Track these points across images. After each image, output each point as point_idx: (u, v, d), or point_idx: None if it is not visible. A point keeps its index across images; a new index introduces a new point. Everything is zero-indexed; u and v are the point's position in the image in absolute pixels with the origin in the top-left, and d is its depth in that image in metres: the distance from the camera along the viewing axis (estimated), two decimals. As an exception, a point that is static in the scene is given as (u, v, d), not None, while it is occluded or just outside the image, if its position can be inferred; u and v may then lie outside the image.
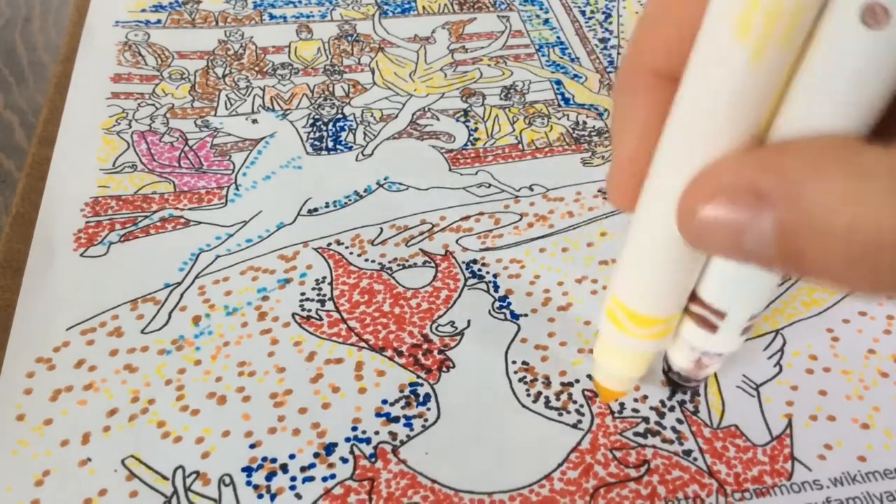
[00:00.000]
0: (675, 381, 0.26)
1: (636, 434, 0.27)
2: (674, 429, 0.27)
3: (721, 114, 0.17)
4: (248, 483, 0.26)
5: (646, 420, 0.28)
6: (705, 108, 0.17)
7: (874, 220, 0.14)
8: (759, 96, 0.17)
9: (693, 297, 0.22)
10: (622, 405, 0.28)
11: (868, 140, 0.16)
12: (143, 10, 0.47)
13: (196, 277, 0.32)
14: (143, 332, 0.30)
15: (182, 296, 0.31)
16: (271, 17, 0.47)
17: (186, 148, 0.38)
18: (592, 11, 0.48)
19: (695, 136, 0.18)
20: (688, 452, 0.27)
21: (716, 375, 0.29)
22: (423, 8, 0.48)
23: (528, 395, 0.28)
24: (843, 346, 0.30)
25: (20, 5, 0.50)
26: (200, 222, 0.34)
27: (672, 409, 0.28)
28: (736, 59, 0.16)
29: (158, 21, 0.46)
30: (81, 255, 0.32)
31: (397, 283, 0.32)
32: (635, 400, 0.28)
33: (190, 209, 0.35)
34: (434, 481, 0.26)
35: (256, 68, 0.43)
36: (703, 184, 0.17)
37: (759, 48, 0.16)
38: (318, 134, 0.39)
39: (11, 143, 0.42)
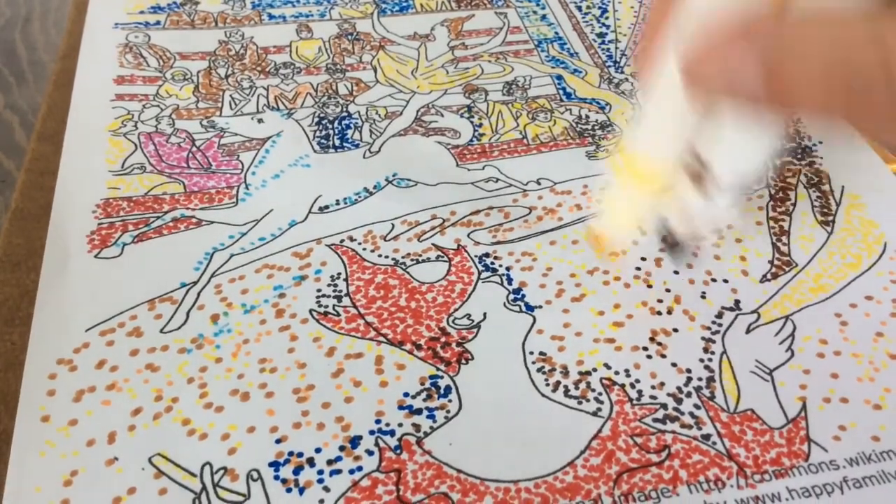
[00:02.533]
0: (669, 243, 0.28)
1: (655, 420, 0.28)
2: (692, 414, 0.28)
3: None
4: (276, 477, 0.26)
5: (664, 406, 0.28)
6: None
7: (850, 54, 0.17)
8: None
9: (688, 155, 0.25)
10: (640, 393, 0.28)
11: None
12: (142, 12, 0.47)
13: (212, 276, 0.32)
14: (162, 331, 0.30)
15: (199, 295, 0.31)
16: (270, 17, 0.47)
17: (194, 148, 0.38)
18: (588, 7, 0.49)
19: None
20: (707, 437, 0.27)
21: (730, 362, 0.29)
22: (421, 5, 0.49)
23: (547, 385, 0.29)
24: (851, 330, 0.31)
25: (20, 5, 0.50)
26: (213, 222, 0.34)
27: (689, 395, 0.28)
28: None
29: (157, 23, 0.46)
30: (96, 256, 0.32)
31: (412, 277, 0.32)
32: (652, 387, 0.29)
33: (201, 209, 0.35)
34: (460, 471, 0.26)
35: (259, 68, 0.43)
36: (703, 28, 0.20)
37: None
38: (324, 132, 0.39)
39: (11, 142, 0.42)
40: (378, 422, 0.27)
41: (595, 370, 0.29)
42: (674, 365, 0.29)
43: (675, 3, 0.22)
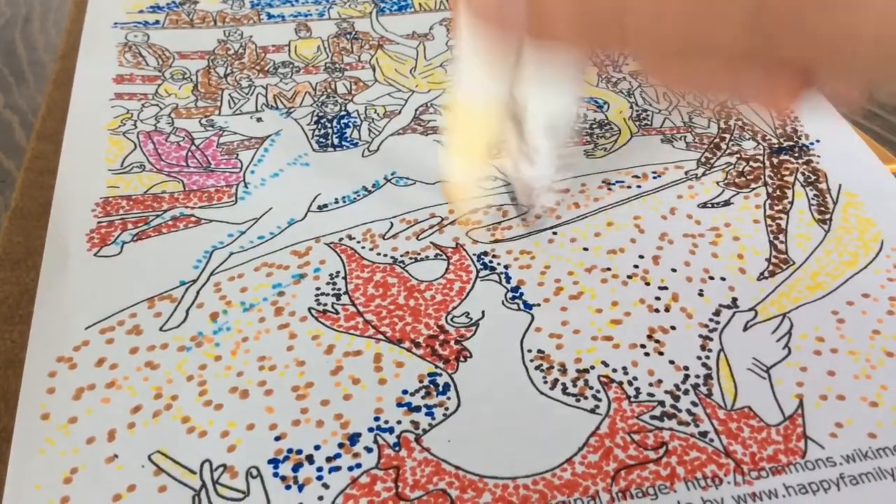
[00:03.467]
0: (510, 194, 0.30)
1: (653, 417, 0.28)
2: (689, 411, 0.28)
3: None
4: (276, 475, 0.26)
5: (661, 404, 0.28)
6: None
7: None
8: None
9: (511, 100, 0.27)
10: (637, 390, 0.28)
11: None
12: (141, 11, 0.47)
13: (211, 275, 0.32)
14: (161, 329, 0.30)
15: (198, 293, 0.31)
16: (269, 16, 0.47)
17: (193, 147, 0.38)
18: (587, 6, 0.49)
19: None
20: (704, 434, 0.27)
21: (727, 359, 0.30)
22: (420, 5, 0.49)
23: (546, 383, 0.29)
24: (848, 328, 0.31)
25: (20, 5, 0.50)
26: (212, 220, 0.34)
27: (686, 392, 0.28)
28: None
29: (157, 22, 0.46)
30: (95, 254, 0.32)
31: (411, 276, 0.32)
32: (650, 384, 0.29)
33: (200, 208, 0.35)
34: (458, 468, 0.26)
35: (258, 67, 0.43)
36: None
37: None
38: (323, 131, 0.39)
39: (11, 142, 0.42)
40: (377, 419, 0.28)
41: (593, 368, 0.29)
42: (671, 362, 0.29)
43: None
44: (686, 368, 0.29)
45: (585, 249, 0.34)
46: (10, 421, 0.27)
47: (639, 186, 0.37)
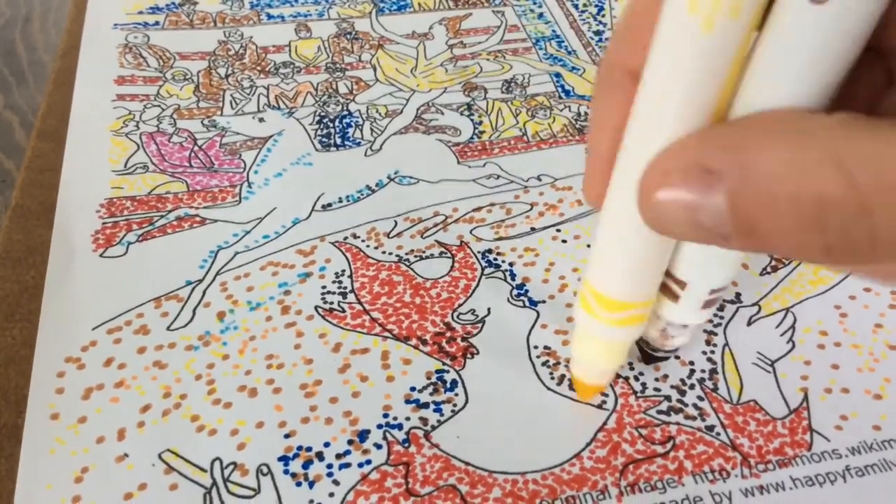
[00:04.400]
0: (645, 351, 0.27)
1: (659, 412, 0.28)
2: (695, 405, 0.28)
3: (677, 92, 0.17)
4: (286, 472, 0.26)
5: (668, 398, 0.28)
6: (662, 88, 0.18)
7: (816, 185, 0.15)
8: (714, 70, 0.17)
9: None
10: (644, 385, 0.29)
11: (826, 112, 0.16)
12: (141, 13, 0.47)
13: (217, 274, 0.32)
14: (168, 329, 0.30)
15: (204, 293, 0.31)
16: (269, 16, 0.47)
17: (196, 148, 0.38)
18: (585, 5, 0.49)
19: (653, 120, 0.18)
20: (710, 428, 0.27)
21: (732, 353, 0.30)
22: (419, 5, 0.49)
23: (552, 378, 0.29)
24: (851, 321, 0.31)
25: (20, 5, 0.50)
26: (216, 220, 0.34)
27: (692, 386, 0.29)
28: (689, 31, 0.16)
29: (157, 23, 0.46)
30: (101, 255, 0.33)
31: (416, 273, 0.32)
32: (656, 379, 0.29)
33: (205, 208, 0.35)
34: (468, 463, 0.26)
35: (258, 68, 0.43)
36: (658, 166, 0.18)
37: (709, 18, 0.16)
38: (325, 131, 0.39)
39: (11, 142, 0.42)
40: (385, 416, 0.28)
41: (599, 363, 0.29)
42: (677, 357, 0.30)
43: (616, 131, 0.20)
44: (691, 363, 0.29)
45: (589, 246, 0.34)
46: (11, 417, 0.27)
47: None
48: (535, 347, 0.30)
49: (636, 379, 0.29)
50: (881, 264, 0.17)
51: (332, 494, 0.26)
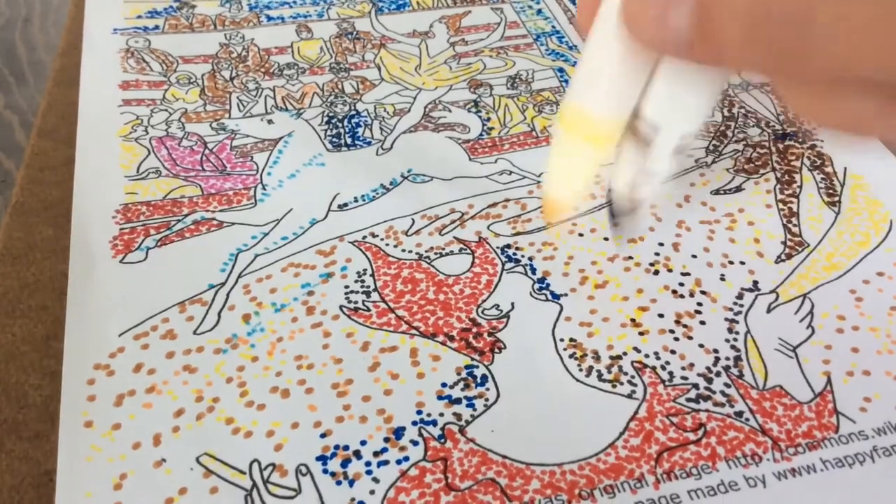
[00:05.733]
0: (612, 210, 0.26)
1: (688, 400, 0.28)
2: (723, 393, 0.29)
3: None
4: (325, 471, 0.26)
5: (695, 386, 0.29)
6: None
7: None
8: None
9: (634, 115, 0.23)
10: (671, 374, 0.29)
11: None
12: (139, 17, 0.47)
13: (239, 277, 0.32)
14: (195, 333, 0.30)
15: (228, 296, 0.31)
16: (269, 18, 0.47)
17: (207, 151, 0.38)
18: (582, 0, 0.49)
19: None
20: (739, 414, 0.28)
21: (754, 341, 0.30)
22: (418, 3, 0.49)
23: (581, 370, 0.29)
24: (867, 305, 0.32)
25: (20, 5, 0.50)
26: (234, 223, 0.34)
27: (718, 374, 0.29)
28: None
29: (156, 27, 0.46)
30: (121, 261, 0.32)
31: (437, 270, 0.33)
32: (682, 368, 0.29)
33: (221, 211, 0.35)
34: (505, 457, 0.27)
35: (263, 69, 0.43)
36: None
37: None
38: (335, 131, 0.39)
39: (11, 142, 0.42)
40: (419, 412, 0.28)
41: (625, 354, 0.30)
42: (701, 346, 0.30)
43: None
44: (716, 351, 0.30)
45: (606, 239, 0.34)
46: (11, 413, 0.28)
47: (651, 176, 0.37)
48: (561, 340, 0.30)
49: (663, 368, 0.29)
50: (831, 88, 0.18)
51: (372, 492, 0.26)
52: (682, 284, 0.32)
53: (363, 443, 0.27)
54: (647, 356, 0.30)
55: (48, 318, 0.31)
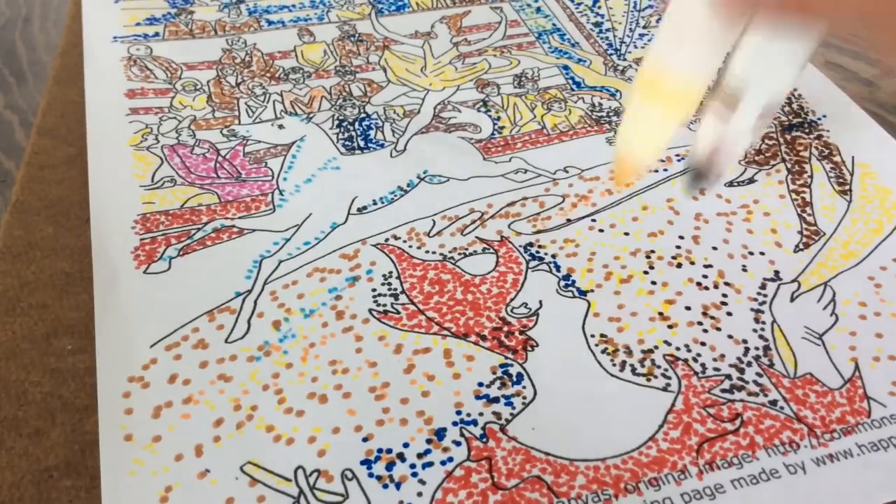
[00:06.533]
0: (695, 170, 0.26)
1: (723, 391, 0.29)
2: (756, 382, 0.29)
3: None
4: (371, 475, 0.26)
5: (728, 377, 0.29)
6: None
7: None
8: None
9: (719, 76, 0.23)
10: (703, 366, 0.29)
11: None
12: (138, 24, 0.46)
13: (265, 283, 0.32)
14: (226, 341, 0.30)
15: (256, 303, 0.31)
16: (269, 23, 0.47)
17: (220, 158, 0.38)
18: (579, -3, 0.50)
19: None
20: (773, 402, 0.28)
21: (781, 330, 0.31)
22: (417, 4, 0.49)
23: (614, 365, 0.30)
24: (886, 291, 0.32)
25: (20, 5, 0.49)
26: (254, 230, 0.34)
27: (749, 364, 0.30)
28: None
29: (156, 34, 0.45)
30: (145, 272, 0.32)
31: (463, 271, 0.33)
32: (714, 360, 0.30)
33: (240, 218, 0.35)
34: (548, 454, 0.27)
35: (268, 74, 0.43)
36: None
37: None
38: (346, 134, 0.39)
39: (11, 142, 0.41)
40: (458, 413, 0.28)
41: (657, 347, 0.30)
42: (730, 337, 0.30)
43: None
44: (745, 342, 0.30)
45: (626, 234, 0.34)
46: (11, 410, 0.28)
47: (665, 170, 0.38)
48: (592, 336, 0.31)
49: (695, 360, 0.30)
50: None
51: (420, 494, 0.26)
52: (705, 276, 0.33)
53: (406, 445, 0.27)
54: (678, 349, 0.30)
55: (48, 315, 0.31)
